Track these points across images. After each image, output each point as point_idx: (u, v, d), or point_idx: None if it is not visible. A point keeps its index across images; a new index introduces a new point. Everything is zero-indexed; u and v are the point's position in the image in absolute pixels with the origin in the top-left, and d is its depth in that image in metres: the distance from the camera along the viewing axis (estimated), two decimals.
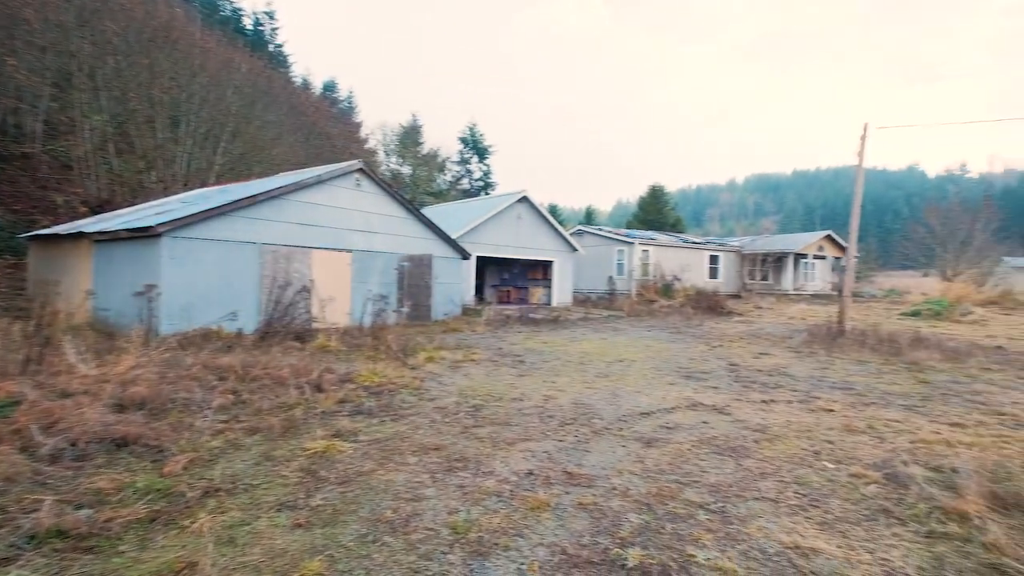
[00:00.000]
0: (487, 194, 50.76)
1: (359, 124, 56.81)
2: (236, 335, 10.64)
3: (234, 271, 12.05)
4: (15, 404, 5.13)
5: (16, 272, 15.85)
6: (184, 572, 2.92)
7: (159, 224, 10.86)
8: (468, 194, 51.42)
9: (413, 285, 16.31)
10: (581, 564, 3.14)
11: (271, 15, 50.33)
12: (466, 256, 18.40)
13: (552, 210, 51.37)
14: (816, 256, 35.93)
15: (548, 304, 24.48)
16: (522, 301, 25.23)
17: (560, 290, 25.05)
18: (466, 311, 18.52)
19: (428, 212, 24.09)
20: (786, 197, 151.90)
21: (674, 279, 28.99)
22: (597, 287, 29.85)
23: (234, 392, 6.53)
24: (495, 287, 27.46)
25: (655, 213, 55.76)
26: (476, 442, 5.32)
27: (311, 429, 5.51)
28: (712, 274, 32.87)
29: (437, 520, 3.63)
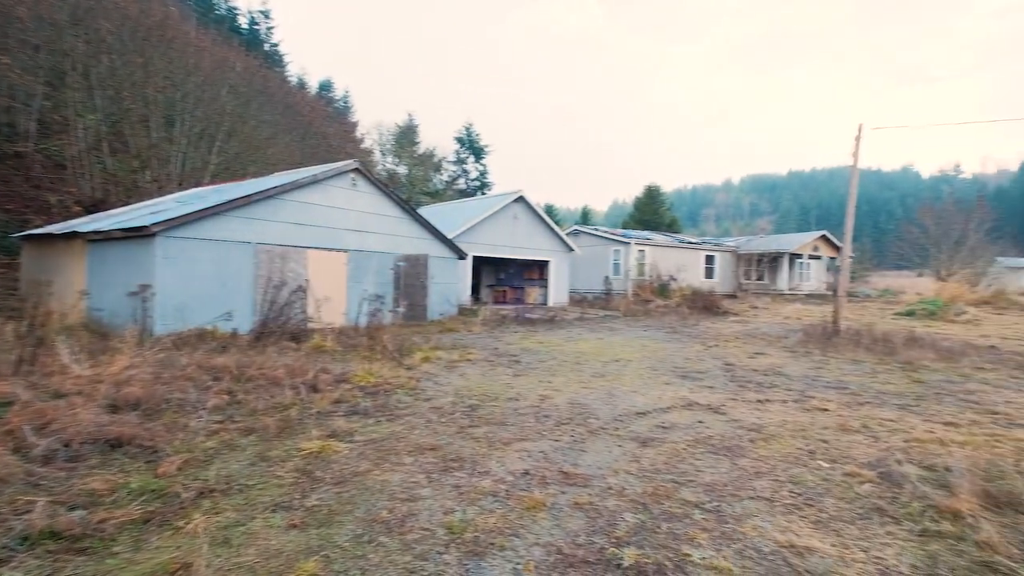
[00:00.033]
0: (483, 194, 50.75)
1: (355, 124, 56.78)
2: (231, 335, 10.61)
3: (229, 271, 12.01)
4: (8, 405, 5.11)
5: (9, 272, 15.76)
6: (179, 573, 2.91)
7: (153, 224, 10.82)
8: (464, 194, 51.40)
9: (409, 285, 16.29)
10: (577, 564, 3.14)
11: (266, 14, 50.31)
12: (462, 256, 18.39)
13: (548, 210, 51.42)
14: (811, 256, 36.10)
15: (544, 304, 24.49)
16: (518, 301, 25.23)
17: (556, 290, 25.07)
18: (462, 311, 18.51)
19: (424, 212, 24.07)
20: (782, 197, 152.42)
21: (670, 279, 29.05)
22: (593, 287, 29.89)
23: (229, 392, 6.50)
24: (491, 287, 27.46)
25: (651, 213, 55.93)
26: (472, 442, 5.32)
27: (306, 429, 5.50)
28: (708, 274, 32.97)
29: (433, 520, 3.63)
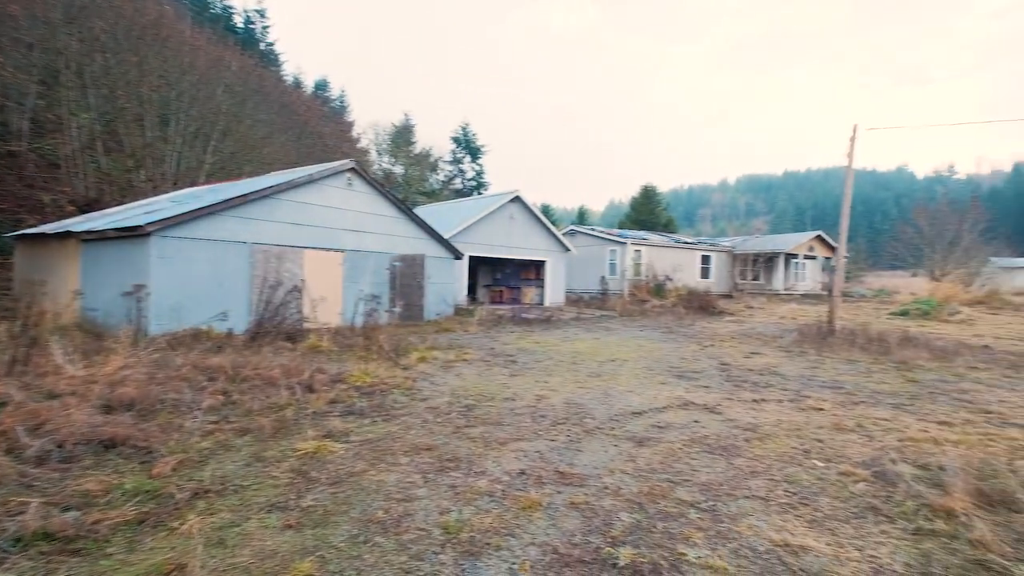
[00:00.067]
0: (480, 194, 50.73)
1: (351, 123, 56.56)
2: (226, 335, 10.57)
3: (224, 271, 11.97)
4: (1, 406, 5.07)
5: (2, 272, 15.65)
6: (173, 574, 2.90)
7: (148, 223, 10.77)
8: (461, 194, 51.37)
9: (405, 285, 16.27)
10: (573, 563, 3.14)
11: (262, 13, 50.09)
12: (458, 256, 18.38)
13: (545, 210, 51.50)
14: (806, 256, 36.24)
15: (541, 304, 24.50)
16: (515, 301, 25.23)
17: (553, 290, 25.08)
18: (459, 311, 18.50)
19: (420, 212, 24.05)
20: (777, 197, 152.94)
21: (666, 279, 29.11)
22: (590, 287, 29.92)
23: (224, 393, 6.48)
24: (488, 287, 27.45)
25: (647, 213, 56.02)
26: (468, 442, 5.32)
27: (302, 430, 5.49)
28: (704, 274, 33.04)
29: (429, 520, 3.63)
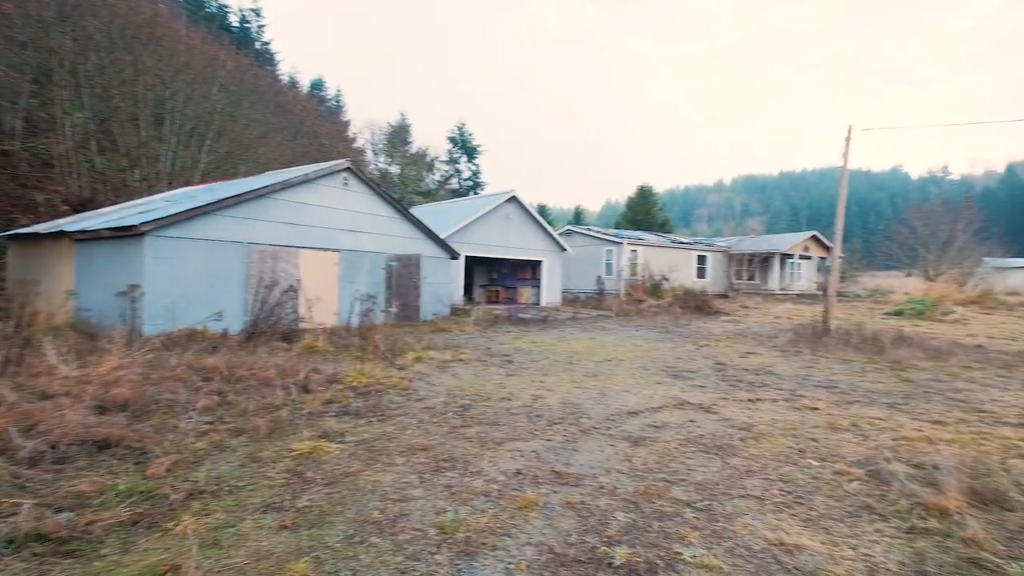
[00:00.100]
0: (476, 194, 50.68)
1: (347, 123, 56.40)
2: (221, 335, 10.53)
3: (220, 271, 11.93)
4: None
5: None
6: (167, 575, 2.88)
7: (143, 223, 10.72)
8: (457, 194, 51.32)
9: (401, 285, 16.24)
10: (568, 563, 3.15)
11: (257, 12, 49.89)
12: (455, 256, 18.37)
13: (541, 210, 51.49)
14: (802, 256, 36.37)
15: (537, 304, 24.51)
16: (511, 301, 25.22)
17: (549, 290, 25.09)
18: (455, 311, 18.49)
19: (417, 212, 24.01)
20: (772, 198, 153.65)
21: (662, 279, 29.17)
22: (586, 287, 29.94)
23: (219, 393, 6.46)
24: (484, 287, 27.45)
25: (643, 213, 56.09)
26: (464, 442, 5.31)
27: (297, 430, 5.47)
28: (700, 274, 33.13)
29: (424, 520, 3.62)
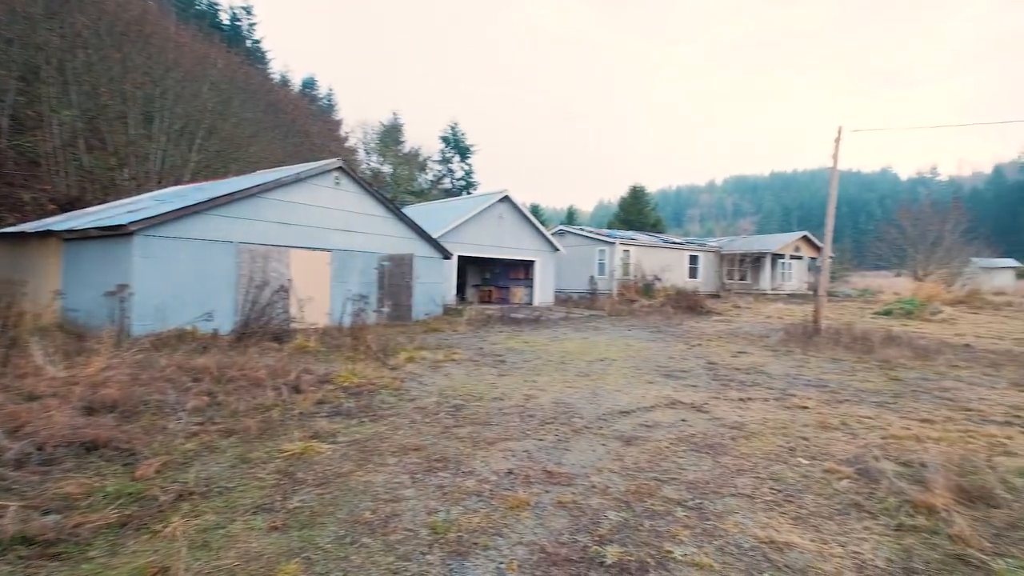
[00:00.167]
0: (469, 194, 50.66)
1: (339, 122, 56.15)
2: (212, 336, 10.45)
3: (210, 271, 11.84)
4: None
5: None
6: None
7: (131, 222, 10.61)
8: (450, 193, 51.25)
9: (394, 285, 16.19)
10: (560, 562, 3.15)
11: (248, 10, 49.54)
12: (447, 256, 18.33)
13: (534, 210, 51.53)
14: (793, 256, 36.64)
15: (530, 304, 24.52)
16: (504, 301, 25.22)
17: (542, 290, 25.11)
18: (447, 311, 18.45)
19: (409, 211, 23.96)
20: (764, 198, 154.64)
21: (654, 279, 29.27)
22: (579, 287, 29.99)
23: (209, 394, 6.41)
24: (476, 287, 27.42)
25: (636, 213, 56.34)
26: (456, 442, 5.30)
27: (288, 431, 5.44)
28: (692, 274, 33.28)
29: (416, 520, 3.61)
